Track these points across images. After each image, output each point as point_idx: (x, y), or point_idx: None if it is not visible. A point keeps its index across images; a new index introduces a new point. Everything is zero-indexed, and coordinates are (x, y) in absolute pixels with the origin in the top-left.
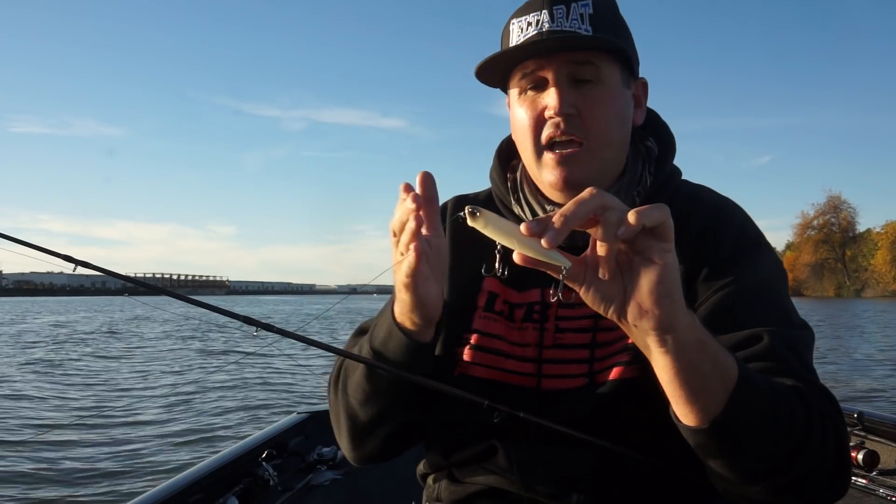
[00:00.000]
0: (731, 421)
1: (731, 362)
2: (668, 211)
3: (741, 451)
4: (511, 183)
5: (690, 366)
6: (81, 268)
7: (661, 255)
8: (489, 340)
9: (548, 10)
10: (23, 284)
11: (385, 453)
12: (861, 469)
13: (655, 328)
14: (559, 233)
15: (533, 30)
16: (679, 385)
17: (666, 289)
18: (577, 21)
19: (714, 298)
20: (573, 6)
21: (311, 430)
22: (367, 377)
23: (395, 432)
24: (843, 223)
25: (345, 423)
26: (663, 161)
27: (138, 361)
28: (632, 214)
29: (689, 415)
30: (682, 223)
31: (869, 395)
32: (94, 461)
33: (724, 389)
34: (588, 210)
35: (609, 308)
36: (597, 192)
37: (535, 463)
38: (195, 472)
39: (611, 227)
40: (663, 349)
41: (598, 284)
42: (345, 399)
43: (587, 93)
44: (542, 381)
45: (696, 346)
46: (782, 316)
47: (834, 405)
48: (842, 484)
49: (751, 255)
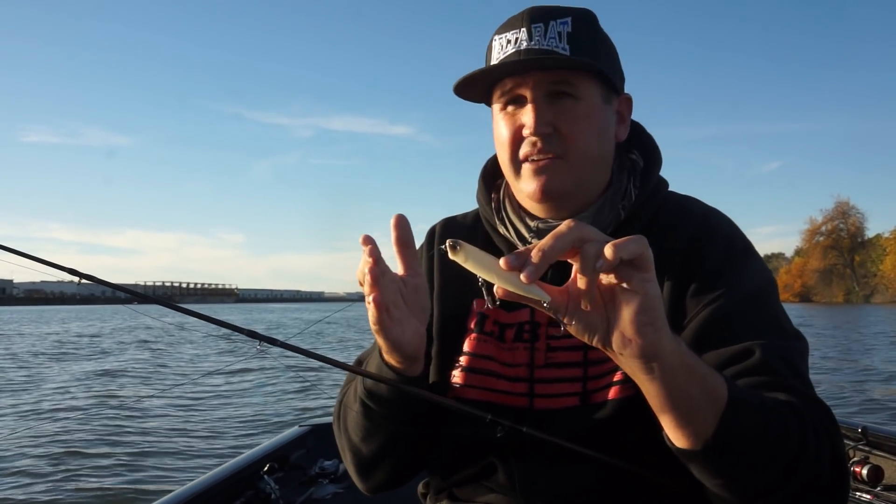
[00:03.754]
0: (722, 442)
1: (720, 383)
2: (646, 242)
3: (736, 471)
4: (495, 203)
5: (678, 391)
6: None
7: (642, 285)
8: (480, 361)
9: (527, 28)
10: (33, 294)
11: (394, 482)
12: (865, 484)
13: (639, 356)
14: (538, 268)
15: (512, 48)
16: (668, 410)
17: (648, 318)
18: (555, 39)
19: (704, 314)
20: (552, 24)
21: (313, 444)
22: (365, 415)
23: (399, 463)
24: (852, 229)
25: (349, 458)
26: (648, 173)
27: (138, 372)
28: (608, 248)
29: (680, 438)
30: (668, 236)
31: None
32: (91, 476)
33: (714, 411)
34: (566, 244)
35: (594, 337)
36: (575, 225)
37: (535, 480)
38: (196, 486)
39: (589, 259)
40: (650, 376)
41: (581, 315)
42: (346, 435)
43: (565, 109)
44: (534, 400)
45: (683, 370)
46: (774, 327)
47: (829, 416)
48: (840, 495)
49: (739, 267)
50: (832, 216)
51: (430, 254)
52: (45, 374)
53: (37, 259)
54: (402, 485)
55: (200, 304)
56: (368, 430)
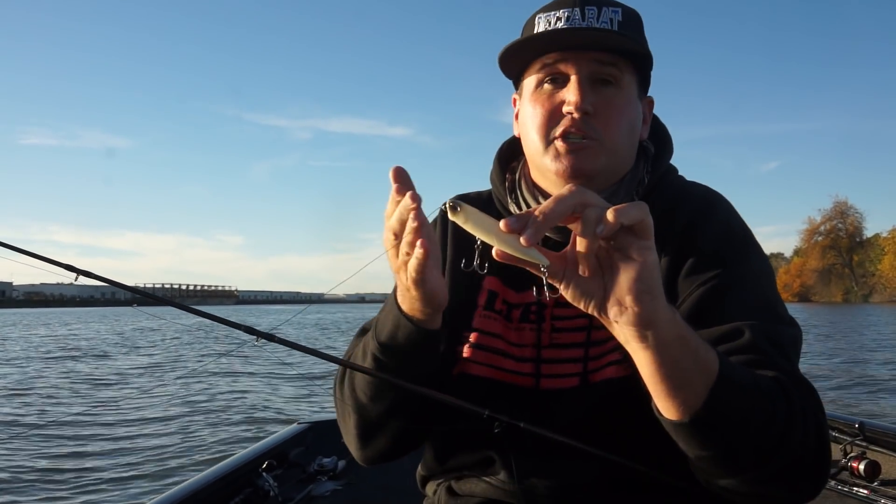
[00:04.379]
0: (711, 415)
1: (712, 357)
2: (647, 209)
3: (722, 445)
4: (509, 183)
5: (671, 361)
6: (90, 279)
7: (641, 252)
8: (488, 339)
9: (580, 8)
10: (33, 296)
11: (393, 451)
12: (862, 479)
13: (635, 324)
14: (538, 230)
15: (563, 24)
16: (660, 380)
17: (645, 285)
18: (608, 24)
19: (698, 293)
20: (605, 9)
21: (312, 441)
22: (377, 370)
23: (401, 429)
24: (850, 228)
25: (353, 421)
26: (659, 160)
27: (137, 371)
28: (610, 212)
29: (669, 409)
30: (668, 216)
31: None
32: (91, 471)
33: (704, 384)
34: (567, 207)
35: (590, 304)
36: (577, 190)
37: (535, 473)
38: (195, 483)
39: (590, 224)
40: (644, 345)
41: (579, 281)
42: (353, 396)
43: (606, 95)
44: (540, 381)
45: (677, 341)
46: (766, 310)
47: (815, 397)
48: (820, 476)
49: (736, 250)
50: (831, 216)
51: (443, 228)
52: (40, 376)
53: (34, 255)
54: (399, 457)
55: (200, 307)
56: (379, 388)
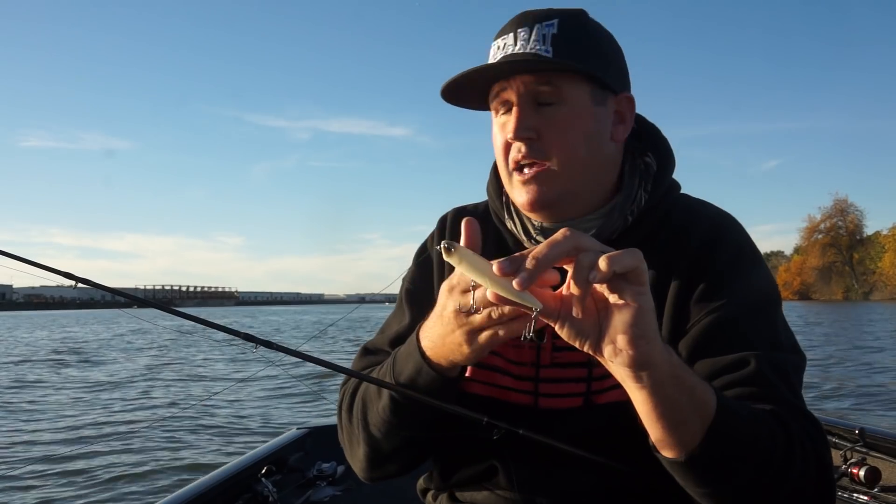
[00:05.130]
0: (708, 454)
1: (709, 395)
2: (641, 256)
3: (720, 482)
4: (505, 197)
5: (667, 400)
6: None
7: (636, 297)
8: (487, 357)
9: (513, 33)
10: (33, 298)
11: (400, 474)
12: (862, 486)
13: (630, 366)
14: (531, 276)
15: (500, 53)
16: (656, 419)
17: (640, 330)
18: (539, 42)
19: (705, 321)
20: (537, 27)
21: (311, 446)
22: (394, 411)
23: (412, 456)
24: (850, 226)
25: (363, 451)
26: (661, 177)
27: (133, 376)
28: (603, 260)
29: (666, 448)
30: (680, 237)
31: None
32: (89, 479)
33: (701, 423)
34: (560, 253)
35: (585, 343)
36: (570, 234)
37: (535, 482)
38: (194, 489)
39: (583, 270)
40: (639, 385)
41: (574, 321)
42: (365, 430)
43: (548, 115)
44: (538, 399)
45: (673, 381)
46: (772, 340)
47: (816, 430)
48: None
49: (746, 275)
50: (831, 214)
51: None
52: (41, 383)
53: (34, 264)
54: (406, 475)
55: (200, 308)
56: (394, 426)
